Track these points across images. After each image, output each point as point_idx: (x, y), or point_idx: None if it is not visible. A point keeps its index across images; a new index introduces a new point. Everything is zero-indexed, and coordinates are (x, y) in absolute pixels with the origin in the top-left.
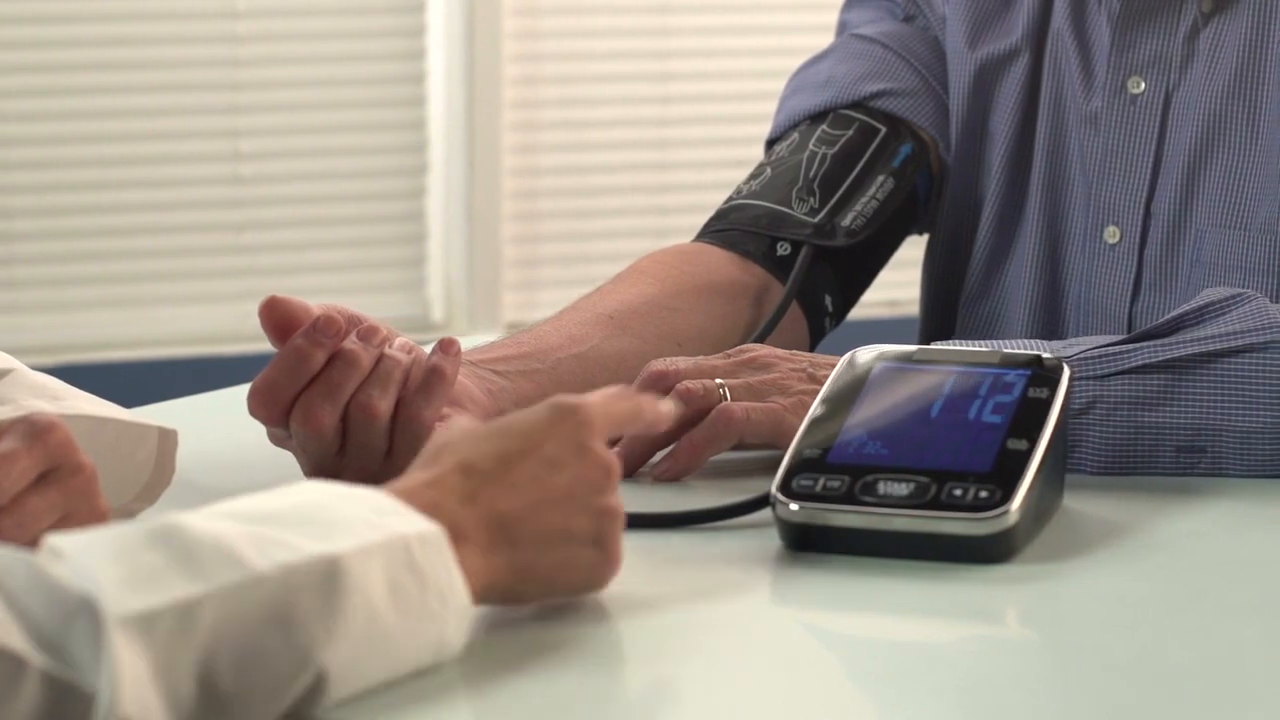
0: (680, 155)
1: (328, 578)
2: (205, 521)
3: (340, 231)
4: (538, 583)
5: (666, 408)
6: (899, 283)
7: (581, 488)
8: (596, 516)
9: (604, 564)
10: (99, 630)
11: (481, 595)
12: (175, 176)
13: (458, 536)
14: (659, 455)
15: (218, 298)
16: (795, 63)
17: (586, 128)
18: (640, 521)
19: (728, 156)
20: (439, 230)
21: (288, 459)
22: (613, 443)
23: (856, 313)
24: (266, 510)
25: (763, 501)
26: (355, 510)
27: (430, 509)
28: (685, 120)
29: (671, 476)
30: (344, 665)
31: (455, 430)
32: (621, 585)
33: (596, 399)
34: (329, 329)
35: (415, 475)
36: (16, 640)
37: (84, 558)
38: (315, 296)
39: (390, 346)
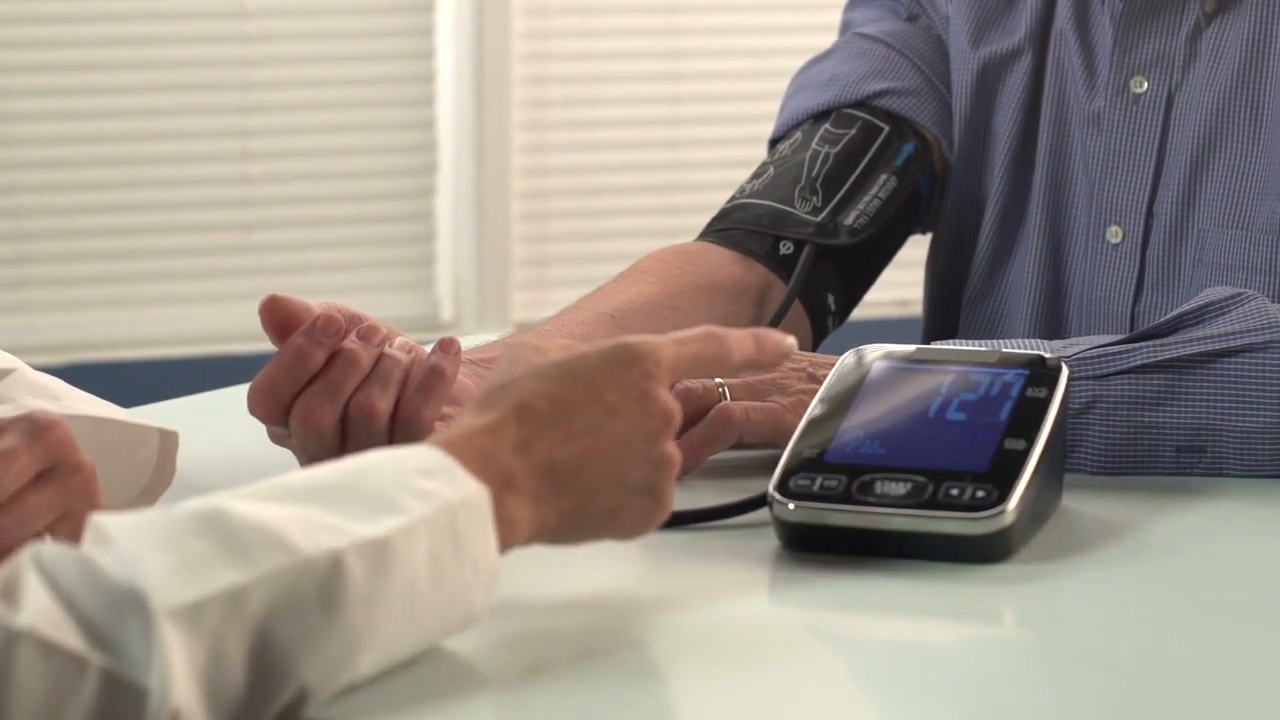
0: (689, 155)
1: (375, 560)
2: (252, 505)
3: (349, 231)
4: (586, 528)
5: (739, 338)
6: (908, 282)
7: (639, 436)
8: (652, 465)
9: (654, 510)
10: (149, 622)
11: (527, 540)
12: (184, 176)
13: (508, 485)
14: None
15: (227, 297)
16: (804, 62)
17: (596, 127)
18: None
19: (737, 156)
20: (448, 229)
21: (288, 458)
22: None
23: (866, 312)
24: (312, 483)
25: (760, 501)
26: (401, 475)
27: (481, 458)
28: (694, 120)
29: None
30: (380, 643)
31: (517, 366)
32: (619, 583)
33: (665, 342)
34: (329, 328)
35: (471, 420)
36: (74, 640)
37: (131, 544)
38: (324, 295)
39: (390, 346)
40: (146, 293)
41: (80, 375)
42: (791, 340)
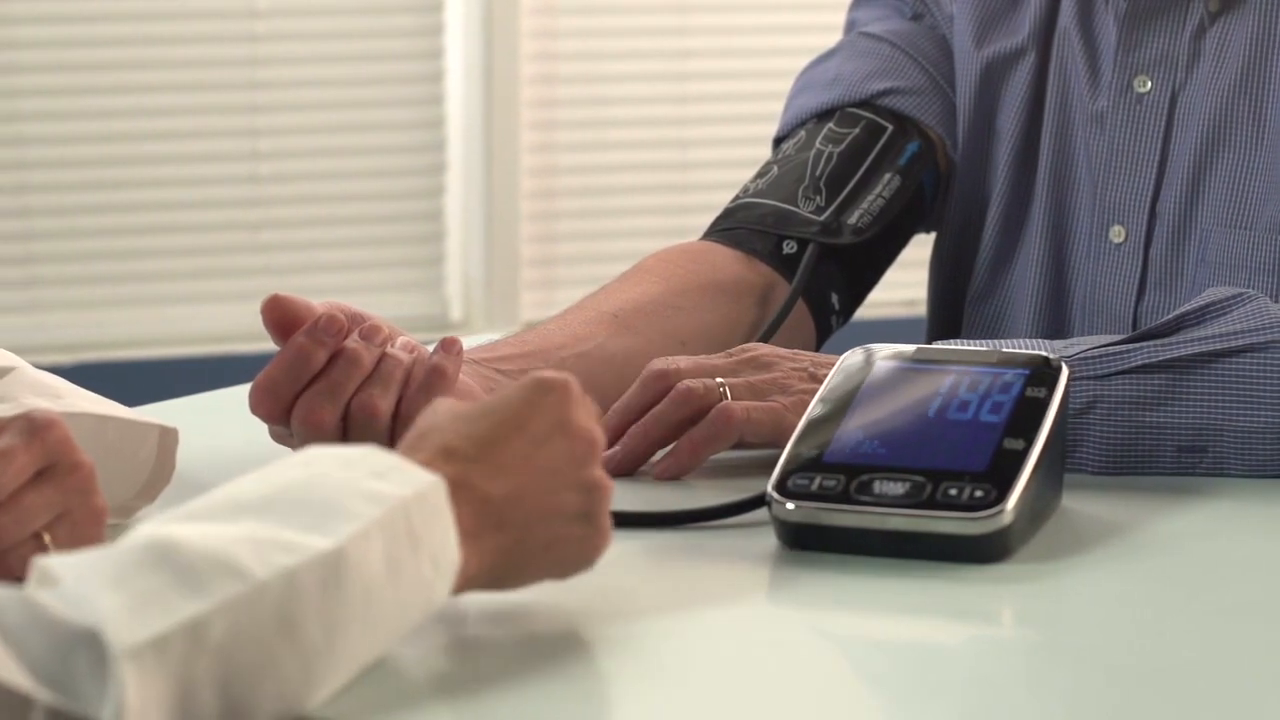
0: (698, 155)
1: (329, 573)
2: (199, 529)
3: (358, 230)
4: (526, 563)
5: None
6: (916, 282)
7: (567, 462)
8: (583, 490)
9: (592, 539)
10: (104, 662)
11: (470, 582)
12: (193, 175)
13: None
14: (660, 454)
15: (236, 296)
16: (808, 62)
17: (604, 127)
18: (635, 520)
19: (745, 156)
20: (457, 229)
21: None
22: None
23: (875, 312)
24: (260, 496)
25: (759, 501)
26: (351, 480)
27: None
28: (703, 120)
29: (672, 475)
30: (340, 653)
31: (436, 414)
32: (618, 583)
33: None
34: (331, 328)
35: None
36: (19, 677)
37: (80, 585)
38: (333, 295)
39: (393, 345)
40: (155, 292)
41: (89, 374)
42: None
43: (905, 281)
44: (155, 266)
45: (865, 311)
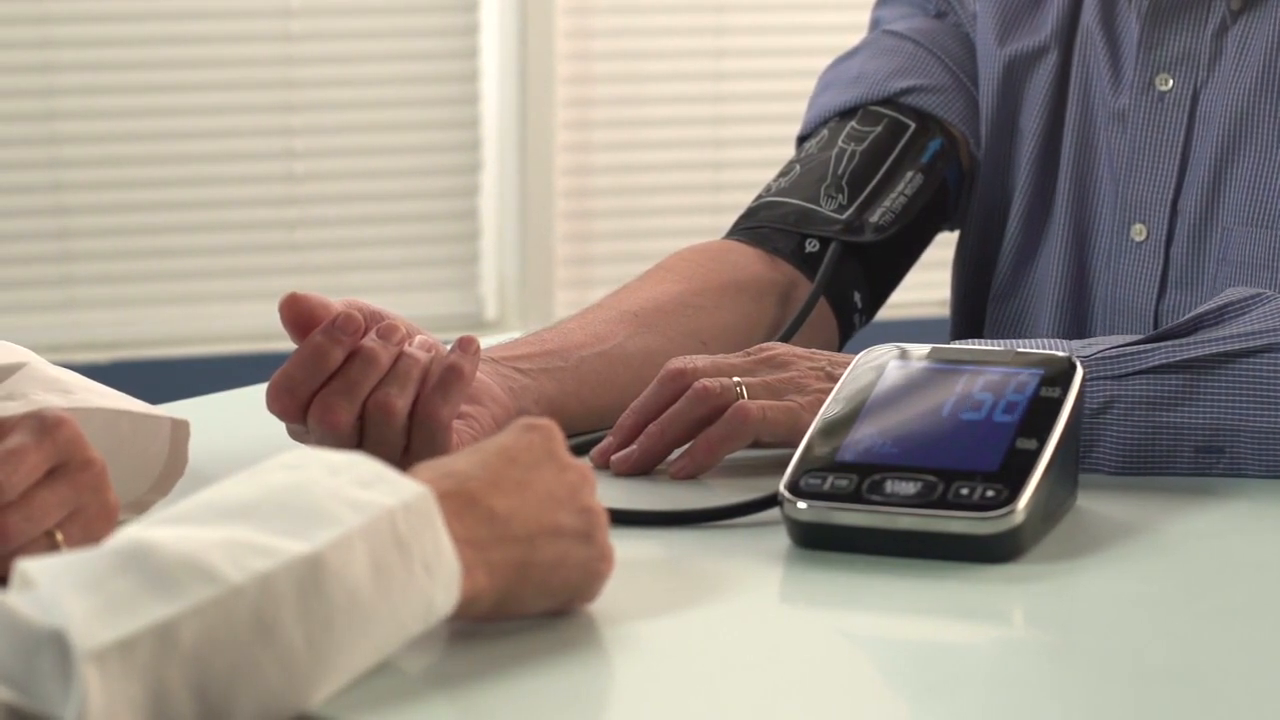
0: (733, 154)
1: (307, 578)
2: (175, 536)
3: (393, 229)
4: (535, 581)
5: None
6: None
7: (561, 487)
8: (581, 513)
9: (598, 560)
10: (66, 663)
11: (481, 597)
12: (229, 174)
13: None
14: (676, 453)
15: (271, 295)
16: (832, 60)
17: (639, 126)
18: (648, 519)
19: (780, 155)
20: (492, 228)
21: None
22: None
23: (905, 312)
24: (242, 501)
25: (771, 500)
26: (337, 487)
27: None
28: (738, 119)
29: (688, 474)
30: (327, 660)
31: (433, 463)
32: (631, 581)
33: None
34: (348, 326)
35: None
36: None
37: (53, 588)
38: (367, 294)
39: (410, 344)
40: (191, 291)
41: (125, 373)
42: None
43: (939, 282)
44: (191, 265)
45: (894, 310)
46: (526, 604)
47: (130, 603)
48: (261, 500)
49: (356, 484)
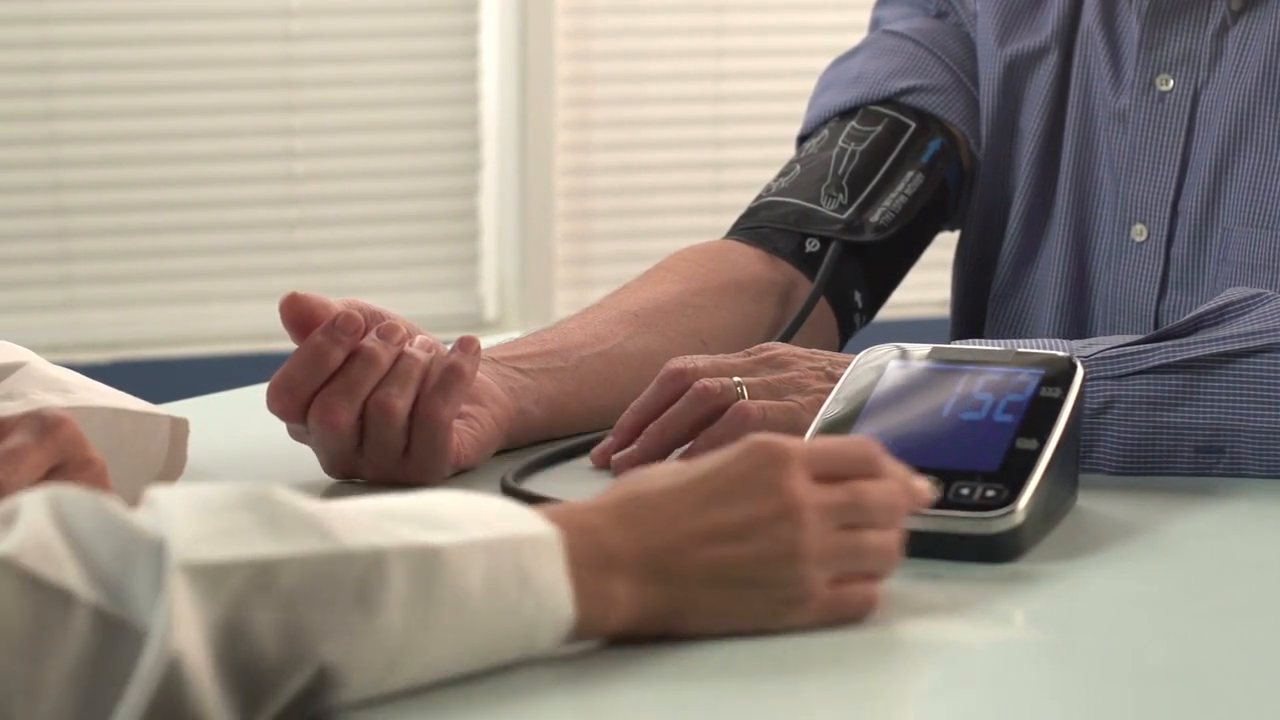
0: (733, 154)
1: (421, 568)
2: (304, 498)
3: (393, 229)
4: (703, 618)
5: (922, 486)
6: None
7: (753, 526)
8: (768, 557)
9: (784, 605)
10: (161, 569)
11: (629, 621)
12: (229, 174)
13: (609, 562)
14: (676, 453)
15: (271, 294)
16: (832, 60)
17: (639, 126)
18: None
19: (781, 155)
20: (492, 228)
21: (307, 455)
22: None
23: (907, 312)
24: (385, 507)
25: None
26: (475, 513)
27: (583, 530)
28: (738, 119)
29: None
30: (423, 653)
31: (651, 469)
32: None
33: (810, 442)
34: (348, 326)
35: (585, 499)
36: (70, 577)
37: (169, 506)
38: (367, 294)
39: (410, 344)
40: (191, 290)
41: (125, 373)
42: (927, 495)
43: (941, 281)
44: (191, 265)
45: (894, 310)
46: (691, 631)
47: (238, 535)
48: (402, 508)
49: (495, 514)
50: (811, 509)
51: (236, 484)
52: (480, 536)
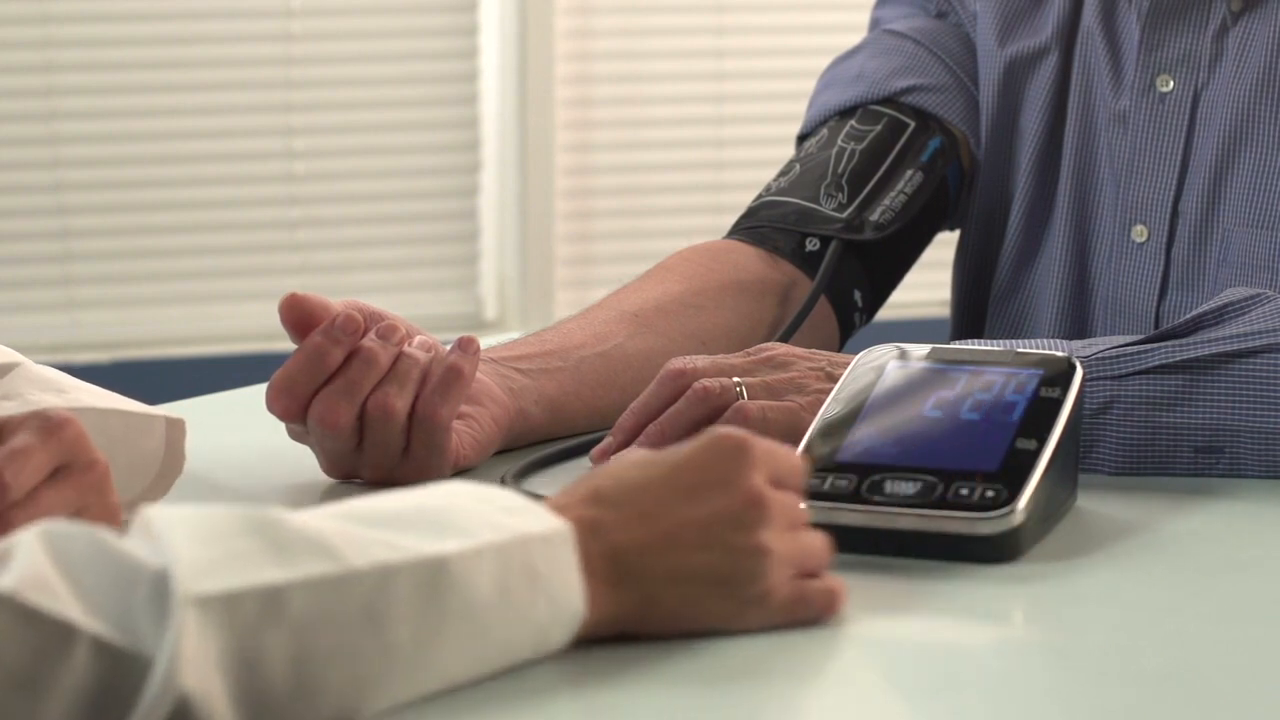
0: (734, 154)
1: (428, 580)
2: (307, 517)
3: (394, 229)
4: (665, 618)
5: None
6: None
7: (720, 523)
8: (734, 555)
9: (746, 605)
10: (166, 601)
11: (604, 625)
12: (230, 174)
13: (587, 564)
14: None
15: (272, 295)
16: (833, 59)
17: (639, 126)
18: None
19: (782, 155)
20: (492, 228)
21: (306, 455)
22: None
23: (907, 312)
24: (389, 510)
25: None
26: (482, 509)
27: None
28: (739, 119)
29: None
30: (432, 667)
31: (616, 460)
32: None
33: (769, 443)
34: (348, 327)
35: (548, 499)
36: (70, 610)
37: (169, 533)
38: (368, 294)
39: (410, 344)
40: (192, 290)
41: (125, 373)
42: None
43: (941, 281)
44: (192, 265)
45: (894, 310)
46: (654, 632)
47: (245, 562)
48: (402, 510)
49: (501, 510)
50: (773, 508)
51: (232, 507)
52: (489, 540)
